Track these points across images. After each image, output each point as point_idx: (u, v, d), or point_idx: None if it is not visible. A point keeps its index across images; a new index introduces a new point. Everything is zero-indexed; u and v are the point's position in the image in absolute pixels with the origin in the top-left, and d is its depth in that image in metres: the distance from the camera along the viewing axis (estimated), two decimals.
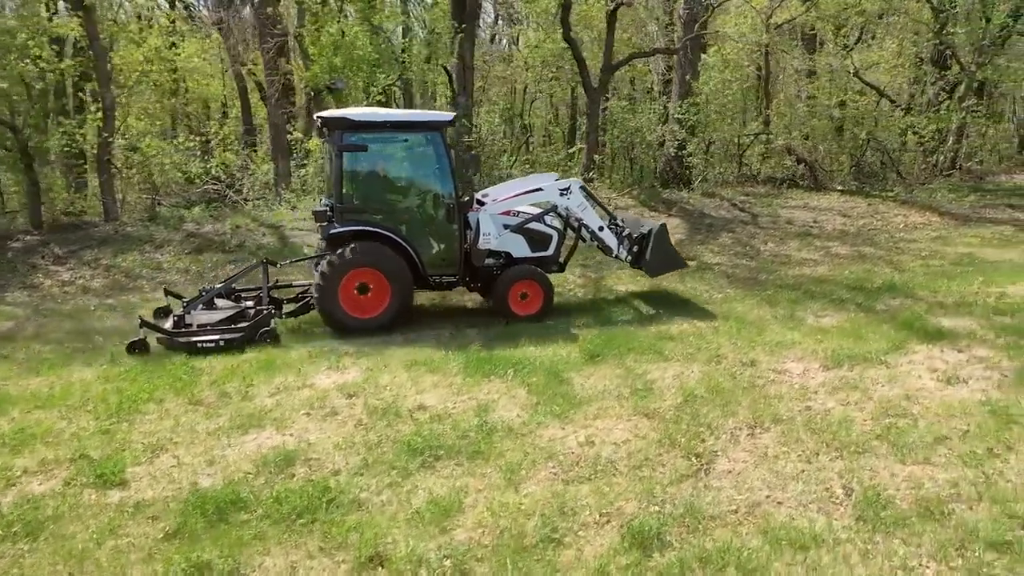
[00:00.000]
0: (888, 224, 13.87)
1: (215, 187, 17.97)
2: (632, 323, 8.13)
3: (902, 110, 20.58)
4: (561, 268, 8.92)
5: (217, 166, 18.24)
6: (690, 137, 17.52)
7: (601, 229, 8.80)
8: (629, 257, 8.89)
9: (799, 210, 15.25)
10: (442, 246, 8.16)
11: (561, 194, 8.56)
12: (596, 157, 17.69)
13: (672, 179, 18.29)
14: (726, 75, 19.05)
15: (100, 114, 14.09)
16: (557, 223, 8.73)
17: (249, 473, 4.83)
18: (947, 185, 17.52)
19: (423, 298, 9.15)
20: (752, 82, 20.63)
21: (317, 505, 4.36)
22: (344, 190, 7.76)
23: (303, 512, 4.30)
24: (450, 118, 8.22)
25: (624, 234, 8.86)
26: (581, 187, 8.72)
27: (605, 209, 9.16)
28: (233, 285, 8.65)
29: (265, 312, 7.74)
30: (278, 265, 8.78)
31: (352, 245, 7.58)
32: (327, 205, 8.06)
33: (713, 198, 16.48)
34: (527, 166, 19.09)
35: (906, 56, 21.62)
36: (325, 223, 7.88)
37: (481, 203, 8.39)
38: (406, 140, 8.15)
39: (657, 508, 4.35)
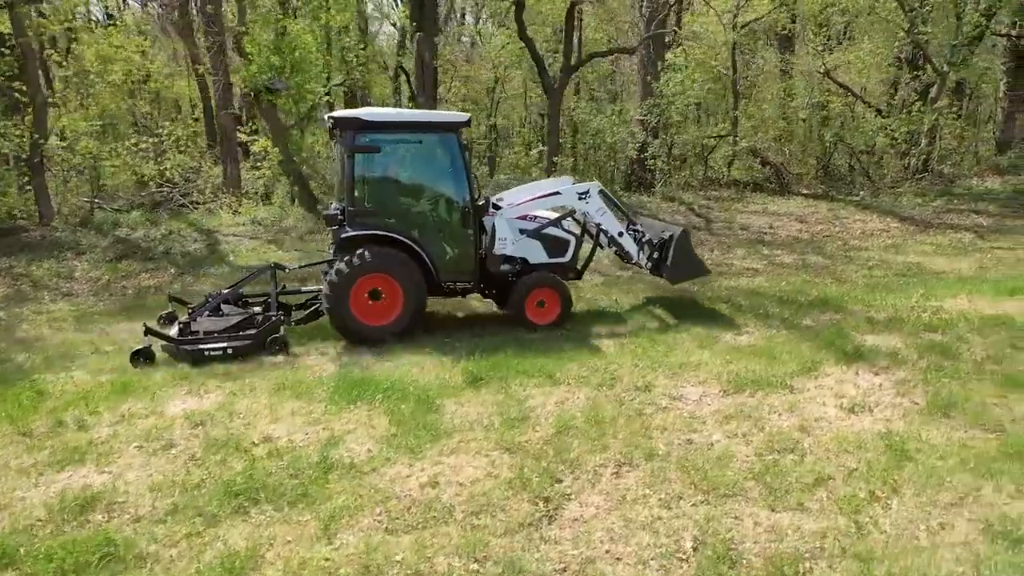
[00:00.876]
0: (845, 231, 13.36)
1: (168, 190, 17.51)
2: (535, 340, 7.61)
3: (876, 111, 20.10)
4: (579, 275, 8.61)
5: (172, 168, 17.81)
6: (651, 140, 17.01)
7: (620, 234, 8.52)
8: (649, 264, 8.60)
9: (757, 215, 14.75)
10: (457, 251, 7.90)
11: (579, 198, 8.29)
12: (555, 159, 17.21)
13: (635, 183, 17.81)
14: (691, 75, 18.55)
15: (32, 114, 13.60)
16: (575, 228, 8.45)
17: (40, 520, 4.31)
18: (915, 189, 17.02)
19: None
20: (722, 83, 20.08)
21: (89, 562, 3.85)
22: (356, 193, 7.52)
23: (70, 571, 3.79)
24: (466, 119, 7.91)
25: (644, 240, 8.55)
26: (600, 191, 8.44)
27: (625, 213, 8.85)
28: (240, 290, 8.39)
29: (274, 319, 7.50)
30: (286, 270, 8.49)
31: (363, 250, 7.33)
32: (337, 209, 7.78)
33: (673, 202, 16.00)
34: (492, 168, 18.64)
35: (881, 56, 21.10)
36: (336, 227, 7.65)
37: (497, 207, 8.12)
38: (420, 141, 7.84)
39: (476, 567, 3.84)
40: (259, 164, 16.79)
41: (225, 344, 7.11)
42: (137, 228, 13.41)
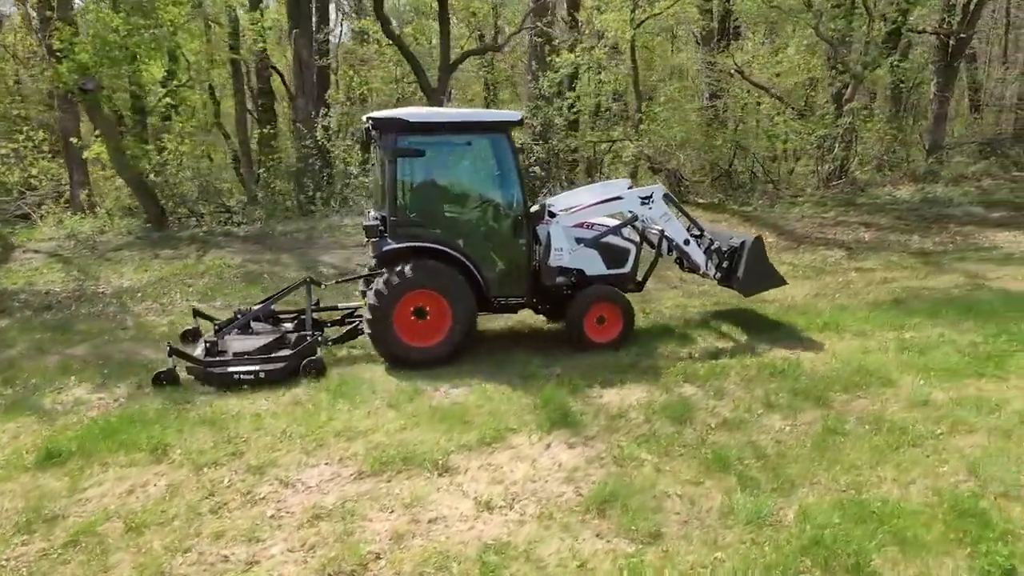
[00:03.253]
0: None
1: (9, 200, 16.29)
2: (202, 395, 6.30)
3: (798, 114, 18.84)
4: (639, 287, 7.97)
5: (38, 175, 16.56)
6: (531, 144, 15.74)
7: (687, 243, 7.82)
8: (718, 274, 7.86)
9: None
10: (509, 264, 7.25)
11: (642, 203, 7.61)
12: None
13: None
14: (592, 76, 17.32)
15: None
16: (634, 235, 7.81)
17: None
18: (816, 198, 15.76)
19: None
20: (624, 83, 18.83)
21: None
22: (398, 201, 6.89)
23: None
24: (518, 117, 7.30)
25: (712, 248, 7.82)
26: (665, 195, 7.73)
27: (691, 219, 8.14)
28: (272, 306, 7.77)
29: (310, 339, 6.86)
30: (322, 285, 8.01)
31: (409, 263, 6.69)
32: (376, 218, 7.15)
33: None
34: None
35: (802, 57, 19.83)
36: (376, 239, 6.95)
37: (552, 214, 7.44)
38: (468, 143, 7.27)
39: None
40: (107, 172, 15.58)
41: (257, 368, 6.43)
42: None
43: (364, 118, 7.25)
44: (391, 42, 15.67)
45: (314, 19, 18.25)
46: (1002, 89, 20.93)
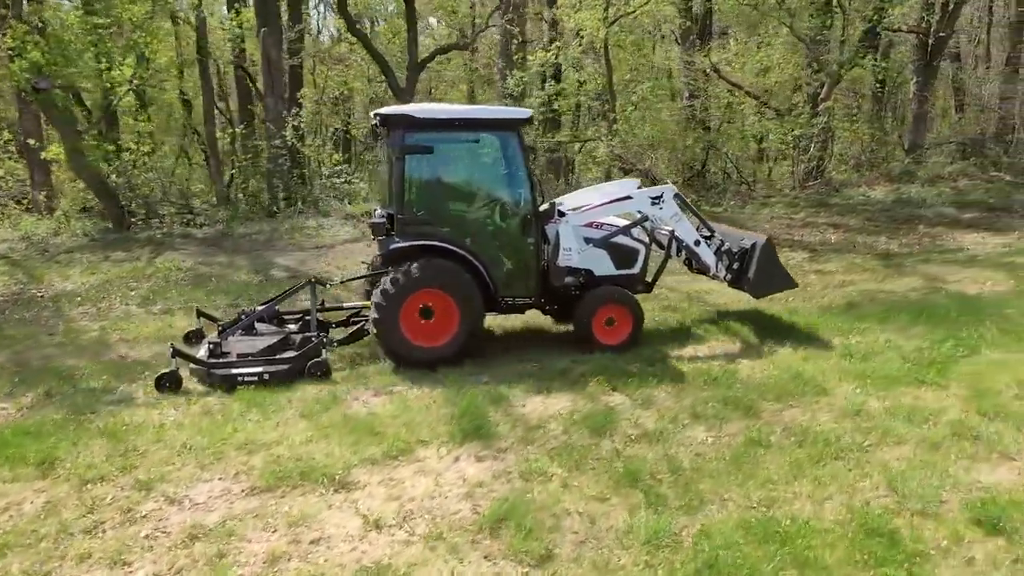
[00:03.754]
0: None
1: None
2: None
3: (776, 113, 18.65)
4: (648, 288, 7.81)
5: (2, 176, 16.32)
6: None
7: (697, 243, 7.69)
8: (728, 276, 7.71)
9: None
10: (517, 263, 7.16)
11: (652, 203, 7.49)
12: None
13: None
14: (570, 76, 17.10)
15: None
16: (643, 236, 7.67)
17: None
18: (789, 199, 15.56)
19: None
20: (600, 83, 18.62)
21: None
22: (405, 199, 6.80)
23: None
24: (527, 115, 7.24)
25: (722, 249, 7.67)
26: (675, 195, 7.60)
27: (701, 220, 8.02)
28: (276, 307, 7.67)
29: (315, 340, 6.76)
30: (327, 285, 7.94)
31: (416, 262, 6.59)
32: (383, 216, 7.06)
33: None
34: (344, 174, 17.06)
35: (780, 55, 19.63)
36: (383, 237, 6.86)
37: (562, 214, 7.31)
38: (477, 140, 7.20)
39: None
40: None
41: (261, 369, 6.37)
42: None
43: (371, 114, 7.17)
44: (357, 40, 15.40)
45: (284, 17, 17.96)
46: (979, 89, 20.68)
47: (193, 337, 7.55)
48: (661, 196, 7.49)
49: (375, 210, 7.61)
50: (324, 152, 16.02)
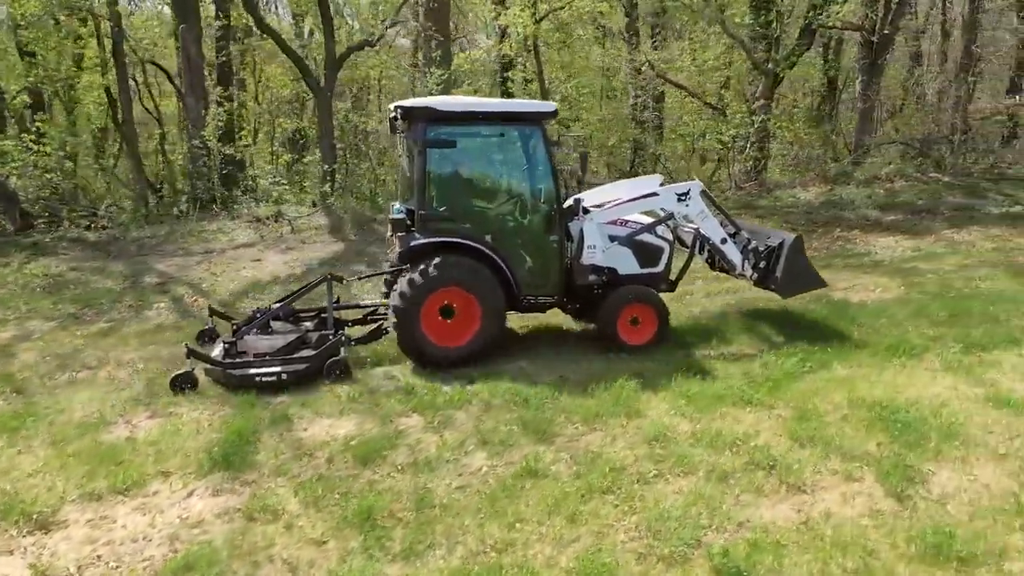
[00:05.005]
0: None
1: None
2: None
3: (721, 113, 18.22)
4: (672, 287, 7.57)
5: None
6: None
7: (724, 241, 7.46)
8: (755, 275, 7.47)
9: None
10: (541, 261, 6.93)
11: (679, 200, 7.29)
12: (325, 168, 15.19)
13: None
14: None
15: None
16: (667, 234, 7.46)
17: None
18: (719, 201, 14.97)
19: None
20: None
21: None
22: (427, 194, 6.56)
23: None
24: (552, 109, 6.97)
25: (749, 248, 7.43)
26: (702, 191, 7.41)
27: (727, 217, 7.81)
28: (292, 305, 7.42)
29: (332, 339, 6.52)
30: (344, 282, 7.74)
31: (436, 260, 6.37)
32: (401, 211, 6.88)
33: None
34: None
35: (724, 53, 19.19)
36: (403, 233, 6.65)
37: (586, 211, 7.04)
38: (501, 135, 6.94)
39: None
40: None
41: (279, 369, 6.15)
42: None
43: (391, 106, 6.91)
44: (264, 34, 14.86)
45: (212, 11, 17.42)
46: (922, 87, 20.29)
47: (206, 336, 7.33)
48: (687, 193, 7.29)
49: (393, 205, 7.40)
50: (262, 152, 15.42)
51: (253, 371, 6.14)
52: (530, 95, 19.05)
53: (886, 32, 17.94)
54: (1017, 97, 21.46)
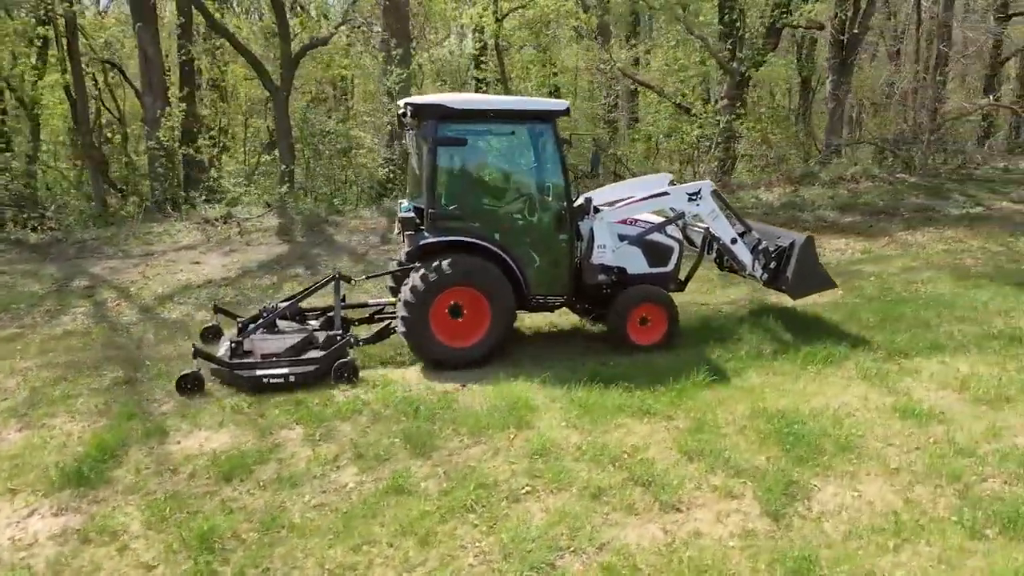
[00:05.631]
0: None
1: None
2: None
3: (684, 112, 18.00)
4: (681, 287, 7.61)
5: None
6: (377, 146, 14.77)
7: (734, 241, 7.43)
8: (765, 275, 7.45)
9: None
10: (551, 260, 6.85)
11: (690, 199, 7.26)
12: (284, 168, 14.94)
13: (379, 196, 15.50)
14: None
15: None
16: (676, 233, 7.42)
17: None
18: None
19: None
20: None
21: None
22: (437, 192, 6.50)
23: None
24: (564, 106, 6.83)
25: (759, 248, 7.38)
26: (713, 191, 7.39)
27: (738, 217, 7.74)
28: (299, 304, 7.27)
29: (340, 340, 6.41)
30: (352, 281, 7.56)
31: (446, 259, 6.31)
32: (409, 209, 6.80)
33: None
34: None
35: (690, 55, 18.99)
36: (412, 232, 6.57)
37: (597, 210, 7.01)
38: (512, 132, 6.92)
39: None
40: None
41: (287, 370, 6.05)
42: None
43: (401, 103, 6.81)
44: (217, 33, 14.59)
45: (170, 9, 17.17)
46: (891, 89, 20.11)
47: (210, 334, 7.23)
48: (699, 192, 7.25)
49: (401, 203, 7.34)
50: (237, 153, 15.15)
51: (260, 372, 6.04)
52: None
53: (855, 32, 17.78)
54: (991, 97, 21.38)
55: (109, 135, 19.28)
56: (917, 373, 6.07)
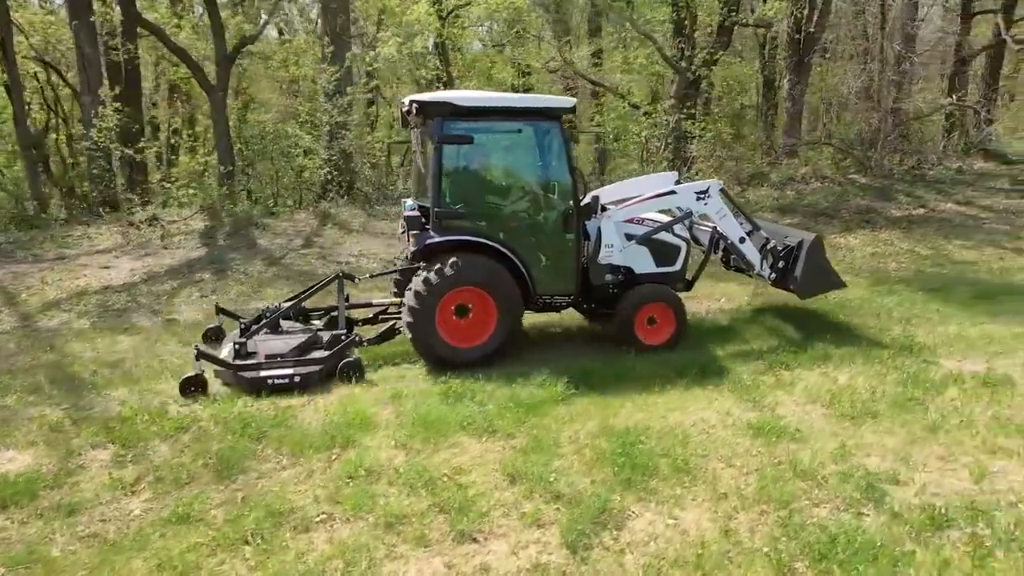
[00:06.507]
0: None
1: None
2: None
3: (645, 114, 17.70)
4: (688, 286, 7.52)
5: None
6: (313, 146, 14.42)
7: (742, 240, 7.35)
8: (773, 275, 7.41)
9: (373, 239, 12.18)
10: (557, 260, 6.78)
11: (698, 198, 7.22)
12: (230, 168, 14.58)
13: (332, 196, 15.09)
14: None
15: None
16: (683, 232, 7.37)
17: None
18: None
19: None
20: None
21: None
22: (442, 191, 6.40)
23: None
24: (571, 104, 6.80)
25: (767, 247, 7.31)
26: (721, 190, 7.34)
27: (746, 216, 7.69)
28: (303, 304, 7.20)
29: (345, 339, 6.36)
30: (356, 280, 7.56)
31: (452, 258, 6.23)
32: (414, 208, 6.78)
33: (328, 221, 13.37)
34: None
35: (647, 54, 18.68)
36: (418, 231, 6.46)
37: (604, 208, 6.98)
38: (519, 130, 6.77)
39: None
40: None
41: (291, 371, 5.96)
42: None
43: (406, 100, 6.68)
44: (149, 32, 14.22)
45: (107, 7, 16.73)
46: (848, 88, 19.83)
47: (212, 335, 7.14)
48: (707, 191, 7.18)
49: (405, 202, 7.20)
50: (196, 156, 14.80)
51: (265, 373, 5.93)
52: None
53: (811, 31, 17.51)
54: (953, 97, 21.13)
55: (55, 136, 18.93)
56: (791, 386, 5.76)
